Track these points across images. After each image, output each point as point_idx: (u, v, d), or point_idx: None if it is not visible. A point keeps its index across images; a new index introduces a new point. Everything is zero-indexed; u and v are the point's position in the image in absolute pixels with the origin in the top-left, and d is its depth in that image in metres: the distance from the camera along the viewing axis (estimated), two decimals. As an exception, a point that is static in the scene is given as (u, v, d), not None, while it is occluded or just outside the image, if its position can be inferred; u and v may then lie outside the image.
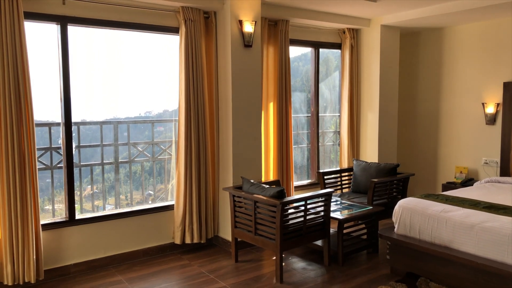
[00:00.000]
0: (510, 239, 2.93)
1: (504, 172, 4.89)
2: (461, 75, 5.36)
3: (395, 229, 3.70)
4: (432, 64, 5.67)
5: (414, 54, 5.88)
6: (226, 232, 4.46)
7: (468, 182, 5.02)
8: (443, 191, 5.14)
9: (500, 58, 4.96)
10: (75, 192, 3.96)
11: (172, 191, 4.54)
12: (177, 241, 4.33)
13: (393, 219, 3.75)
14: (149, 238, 4.29)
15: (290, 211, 3.68)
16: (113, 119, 4.34)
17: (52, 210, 3.95)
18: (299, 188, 5.33)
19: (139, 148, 4.49)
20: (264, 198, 3.64)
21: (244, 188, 3.99)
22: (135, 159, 4.45)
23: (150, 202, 4.48)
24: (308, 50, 5.50)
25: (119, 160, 4.36)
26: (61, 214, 3.91)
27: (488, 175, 5.09)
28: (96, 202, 4.28)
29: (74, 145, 3.89)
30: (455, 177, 5.30)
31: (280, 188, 3.61)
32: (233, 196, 4.02)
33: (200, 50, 4.27)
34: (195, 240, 4.34)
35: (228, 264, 4.06)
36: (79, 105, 4.01)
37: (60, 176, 3.87)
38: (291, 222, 3.66)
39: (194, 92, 4.25)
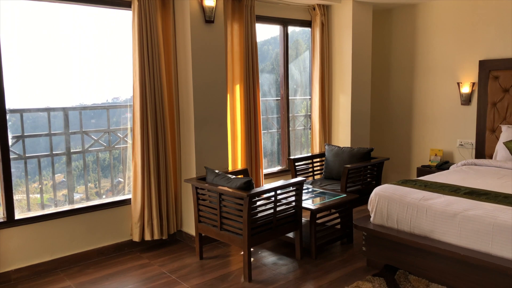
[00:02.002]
0: (495, 228, 2.71)
1: (479, 154, 4.73)
2: (436, 54, 5.13)
3: (371, 219, 3.44)
4: (406, 42, 5.42)
5: (387, 33, 5.61)
6: (190, 227, 4.10)
7: (444, 165, 4.83)
8: (418, 175, 4.94)
9: (476, 36, 4.74)
10: (23, 187, 3.50)
11: (129, 184, 4.12)
12: (136, 238, 3.94)
13: (369, 207, 3.49)
14: (104, 236, 3.89)
15: (259, 203, 3.36)
16: (62, 106, 3.86)
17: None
18: (269, 176, 5.01)
19: (93, 137, 4.03)
20: (230, 190, 3.29)
21: (208, 179, 3.63)
22: (89, 149, 4.00)
23: (104, 196, 4.05)
24: (277, 33, 5.12)
25: (71, 151, 3.90)
26: (-1, 214, 3.45)
27: (463, 157, 4.91)
28: (46, 197, 3.82)
29: (10, 136, 3.40)
30: (430, 160, 5.11)
31: (247, 179, 3.27)
32: (196, 188, 3.65)
33: (155, 27, 3.83)
34: (156, 237, 3.97)
35: (192, 262, 3.71)
36: (21, 91, 3.52)
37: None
38: (260, 215, 3.34)
39: (150, 74, 3.83)
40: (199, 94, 3.94)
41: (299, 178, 3.60)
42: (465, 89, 4.83)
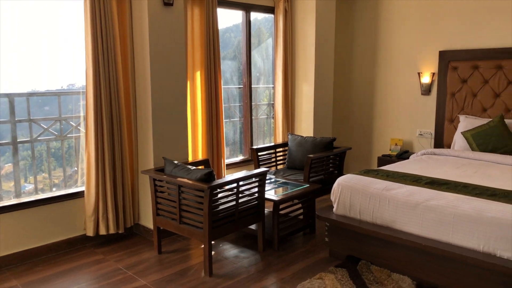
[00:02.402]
0: (456, 218, 2.72)
1: (437, 143, 4.81)
2: (398, 44, 5.15)
3: (334, 209, 3.41)
4: (369, 32, 5.41)
5: (350, 22, 5.58)
6: (148, 220, 3.93)
7: (404, 154, 4.88)
8: (378, 164, 4.97)
9: (437, 27, 4.79)
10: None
11: (83, 176, 3.88)
12: (90, 232, 3.73)
13: (332, 198, 3.45)
14: (55, 231, 3.65)
15: (221, 195, 3.24)
16: (7, 92, 3.54)
17: None
18: (231, 166, 4.89)
19: (43, 125, 3.75)
20: (190, 182, 3.15)
21: (166, 171, 3.47)
22: (39, 138, 3.72)
23: (54, 189, 3.80)
24: (239, 20, 4.96)
25: (18, 140, 3.60)
26: None
27: (423, 147, 4.99)
28: None
29: None
30: (390, 150, 5.16)
31: (208, 170, 3.14)
32: (154, 180, 3.48)
33: (110, 9, 3.59)
34: (111, 231, 3.77)
35: (150, 256, 3.55)
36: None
37: None
38: (221, 207, 3.22)
39: (105, 59, 3.59)
40: (157, 81, 3.74)
41: (262, 169, 3.50)
42: (425, 79, 4.88)
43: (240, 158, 5.13)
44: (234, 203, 3.30)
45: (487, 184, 3.12)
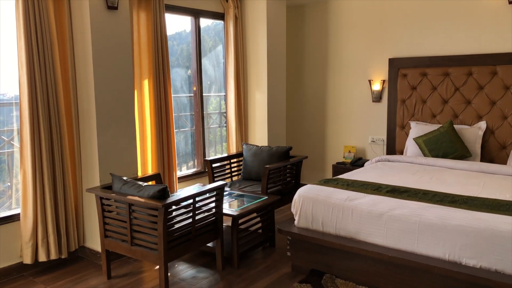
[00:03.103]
0: (420, 227, 2.69)
1: (390, 150, 4.86)
2: (348, 51, 5.18)
3: (296, 222, 3.29)
4: (319, 39, 5.40)
5: (301, 29, 5.55)
6: (95, 242, 3.59)
7: (358, 161, 4.89)
8: (334, 172, 4.94)
9: (385, 34, 4.86)
10: None
11: (18, 196, 3.48)
12: (27, 260, 3.33)
13: (292, 210, 3.33)
14: (-15, 261, 3.23)
15: (175, 213, 3.00)
16: None
17: None
18: (184, 179, 4.64)
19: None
20: (142, 200, 2.89)
21: (114, 188, 3.17)
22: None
23: (-17, 213, 3.37)
24: (184, 28, 4.75)
25: None
26: None
27: (375, 153, 5.03)
28: None
29: None
30: (344, 157, 5.16)
31: (161, 186, 2.90)
32: (101, 198, 3.17)
33: (46, 11, 3.26)
34: (53, 256, 3.40)
35: (98, 283, 3.23)
36: None
37: None
38: (177, 226, 2.99)
39: (41, 67, 3.25)
40: (102, 90, 3.44)
41: (219, 183, 3.31)
42: (376, 86, 4.93)
43: (192, 170, 4.89)
44: (190, 220, 3.08)
45: (445, 190, 3.14)
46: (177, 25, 4.72)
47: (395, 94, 4.78)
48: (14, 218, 3.37)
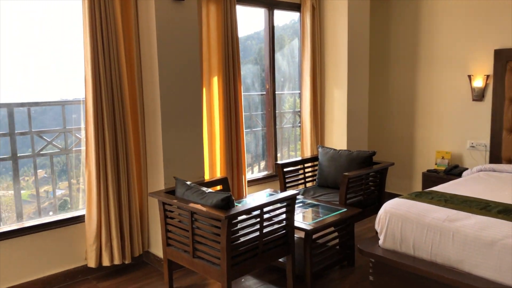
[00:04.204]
0: (549, 262, 2.08)
1: (494, 157, 4.12)
2: (443, 43, 4.50)
3: (380, 242, 2.79)
4: (408, 30, 4.78)
5: (386, 18, 4.96)
6: (159, 248, 3.39)
7: (453, 169, 4.22)
8: (424, 181, 4.32)
9: (490, 20, 4.12)
10: None
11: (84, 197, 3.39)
12: (91, 263, 3.22)
13: (377, 227, 2.84)
14: (52, 262, 3.16)
15: (241, 224, 2.67)
16: (6, 102, 3.10)
17: None
18: (253, 183, 4.32)
19: (46, 138, 3.28)
20: (204, 209, 2.59)
21: (177, 193, 2.92)
22: (42, 152, 3.25)
23: (50, 213, 3.30)
24: (255, 22, 4.42)
25: (18, 155, 3.13)
26: None
27: (475, 161, 4.31)
28: None
29: None
30: (436, 164, 4.49)
31: (225, 194, 2.58)
32: (164, 204, 2.94)
33: (112, 5, 3.10)
34: (116, 261, 3.25)
35: (159, 294, 3.01)
36: None
37: None
38: (242, 239, 2.65)
39: (106, 63, 3.11)
40: (167, 88, 3.22)
41: (291, 192, 2.92)
42: (478, 82, 4.21)
43: (263, 173, 4.55)
44: (257, 233, 2.72)
45: None
46: (248, 19, 4.41)
47: (501, 92, 4.03)
48: (80, 219, 3.28)
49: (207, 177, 3.73)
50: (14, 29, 3.08)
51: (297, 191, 2.97)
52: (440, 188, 3.17)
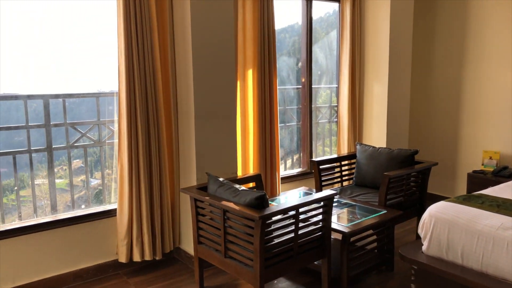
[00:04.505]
0: None
1: (549, 158, 3.81)
2: (493, 35, 4.19)
3: (424, 248, 2.60)
4: (454, 20, 4.48)
5: (431, 7, 4.68)
6: (190, 244, 3.32)
7: (503, 171, 3.93)
8: (469, 182, 4.06)
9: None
10: None
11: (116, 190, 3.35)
12: (122, 258, 3.19)
13: (420, 232, 2.65)
14: (83, 255, 3.15)
15: (275, 225, 2.55)
16: (41, 94, 3.10)
17: None
18: (287, 180, 4.18)
19: (80, 130, 3.27)
20: (236, 207, 2.48)
21: (210, 190, 2.83)
22: (76, 144, 3.24)
23: (83, 206, 3.29)
24: (295, 21, 4.25)
25: (53, 146, 3.14)
26: None
27: (527, 162, 4.00)
28: (24, 209, 3.08)
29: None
30: (483, 165, 4.21)
31: (259, 193, 2.46)
32: (195, 200, 2.86)
33: (146, -6, 3.03)
34: (147, 257, 3.21)
35: (189, 292, 2.94)
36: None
37: None
38: (276, 241, 2.52)
39: (139, 54, 3.04)
40: (201, 81, 3.12)
41: (329, 192, 2.76)
42: (532, 77, 3.90)
43: (297, 170, 4.41)
44: (292, 234, 2.59)
45: None
46: (283, 12, 4.24)
47: (560, 88, 3.71)
48: (112, 213, 3.25)
49: (239, 173, 3.63)
50: (52, 21, 3.06)
51: (335, 192, 2.81)
52: (490, 191, 2.93)
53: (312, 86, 4.34)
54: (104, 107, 3.37)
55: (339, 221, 2.99)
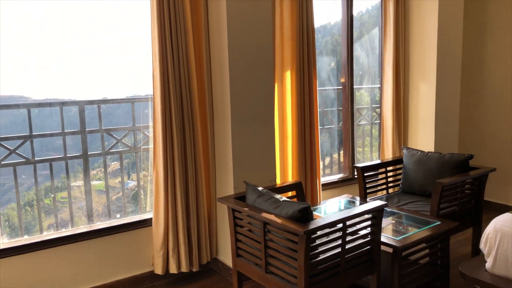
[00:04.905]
0: None
1: None
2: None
3: (488, 265, 2.34)
4: (508, 13, 4.13)
5: (482, 6, 4.34)
6: (228, 255, 3.18)
7: None
8: (529, 189, 3.71)
9: None
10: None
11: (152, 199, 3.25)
12: (158, 270, 3.07)
13: (483, 247, 2.38)
14: (118, 266, 3.05)
15: (322, 239, 2.35)
16: (76, 100, 3.05)
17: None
18: (327, 186, 3.97)
19: (116, 136, 3.20)
20: (278, 220, 2.30)
21: (248, 200, 2.66)
22: (111, 151, 3.17)
23: (118, 216, 3.20)
24: (334, 19, 4.05)
25: (89, 153, 3.08)
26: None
27: None
28: (61, 216, 3.04)
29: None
30: (544, 169, 3.85)
31: (302, 205, 2.27)
32: (233, 211, 2.70)
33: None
34: (184, 269, 3.08)
35: (228, 308, 2.78)
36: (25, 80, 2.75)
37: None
38: (322, 256, 2.32)
39: (174, 57, 2.92)
40: (238, 84, 2.97)
41: (378, 203, 2.53)
42: None
43: (338, 176, 4.18)
44: (339, 249, 2.38)
45: None
46: (321, 10, 4.02)
47: None
48: (147, 223, 3.14)
49: (278, 180, 3.44)
50: (85, 25, 2.99)
51: (385, 203, 2.58)
52: (562, 201, 2.62)
53: (354, 87, 4.11)
54: (139, 112, 3.29)
55: (388, 233, 2.75)
